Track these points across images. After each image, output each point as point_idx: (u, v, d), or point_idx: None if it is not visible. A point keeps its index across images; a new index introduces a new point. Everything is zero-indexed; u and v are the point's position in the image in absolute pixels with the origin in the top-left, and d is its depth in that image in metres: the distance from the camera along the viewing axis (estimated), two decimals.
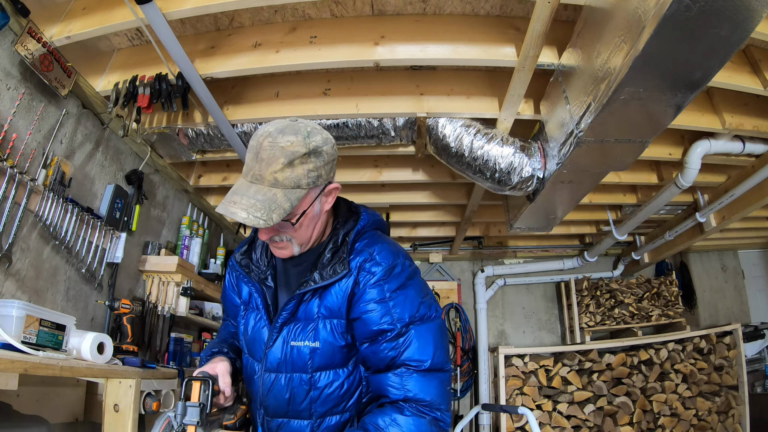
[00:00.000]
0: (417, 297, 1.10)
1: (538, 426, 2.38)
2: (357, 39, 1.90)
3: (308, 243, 1.14)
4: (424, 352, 1.04)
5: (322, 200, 1.11)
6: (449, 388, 1.08)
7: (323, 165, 1.05)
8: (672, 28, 1.20)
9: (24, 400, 1.82)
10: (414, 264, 1.20)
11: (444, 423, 1.03)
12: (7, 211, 1.70)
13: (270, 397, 1.14)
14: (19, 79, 1.82)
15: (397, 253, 1.15)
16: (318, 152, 1.03)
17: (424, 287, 1.16)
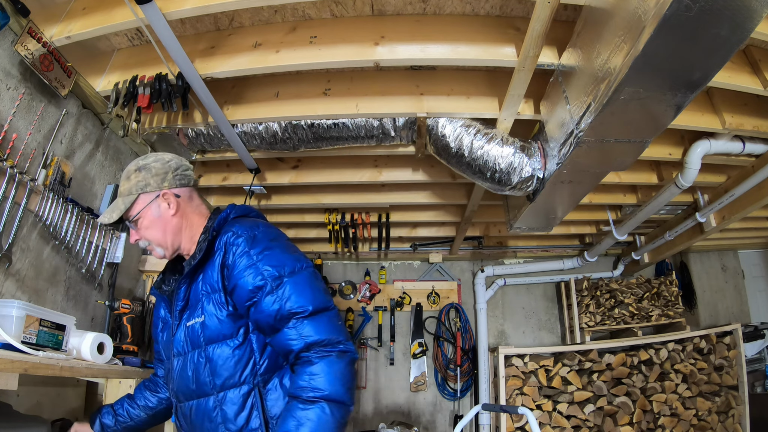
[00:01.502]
0: (282, 253, 1.24)
1: (538, 426, 2.38)
2: (357, 39, 1.90)
3: (169, 246, 1.38)
4: (304, 299, 1.17)
5: (160, 204, 1.36)
6: (339, 322, 1.20)
7: (151, 176, 1.37)
8: (672, 28, 1.20)
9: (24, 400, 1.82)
10: (278, 230, 1.34)
11: (350, 351, 1.16)
12: (7, 211, 1.70)
13: (179, 380, 1.30)
14: (19, 79, 1.82)
15: (256, 224, 1.31)
16: (146, 167, 1.38)
17: (288, 247, 1.28)
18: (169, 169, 1.40)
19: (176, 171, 1.41)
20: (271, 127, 2.33)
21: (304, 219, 3.64)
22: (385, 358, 4.25)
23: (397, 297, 4.32)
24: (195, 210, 1.43)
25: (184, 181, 1.42)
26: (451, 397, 4.12)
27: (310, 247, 4.31)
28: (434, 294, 4.33)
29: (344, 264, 4.55)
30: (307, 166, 2.93)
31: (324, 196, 3.24)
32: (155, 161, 1.40)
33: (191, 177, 1.46)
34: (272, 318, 1.16)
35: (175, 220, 1.38)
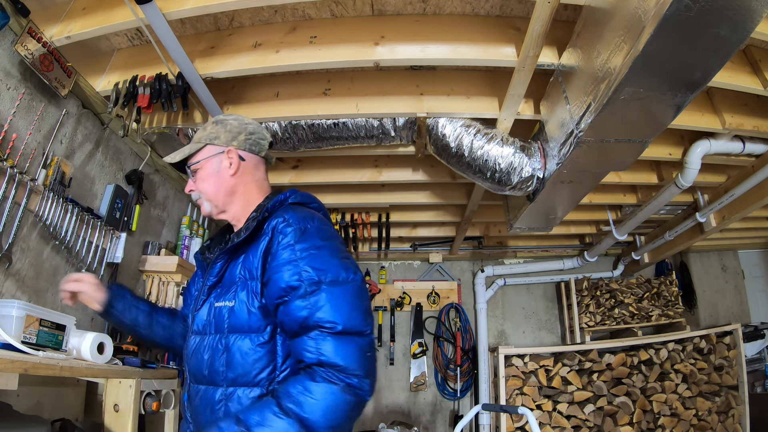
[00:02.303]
0: (330, 257, 1.10)
1: (538, 426, 2.38)
2: (357, 39, 1.90)
3: (219, 204, 1.32)
4: (338, 314, 1.03)
5: (222, 160, 1.32)
6: (369, 354, 1.03)
7: (223, 131, 1.33)
8: (672, 28, 1.20)
9: (24, 400, 1.82)
10: (333, 229, 1.21)
11: (362, 391, 1.00)
12: (7, 211, 1.70)
13: (192, 360, 1.20)
14: (19, 79, 1.82)
15: (312, 216, 1.18)
16: (222, 122, 1.35)
17: (340, 251, 1.15)
18: (244, 130, 1.35)
19: (250, 135, 1.35)
20: (271, 127, 2.33)
21: None
22: (385, 358, 4.25)
23: (397, 297, 4.32)
24: (256, 182, 1.36)
25: (255, 148, 1.36)
26: (451, 397, 4.12)
27: None
28: (434, 294, 4.33)
29: None
30: (307, 166, 2.93)
31: (324, 196, 3.24)
32: (235, 119, 1.37)
33: (264, 147, 1.39)
34: (297, 324, 1.06)
35: (231, 181, 1.32)
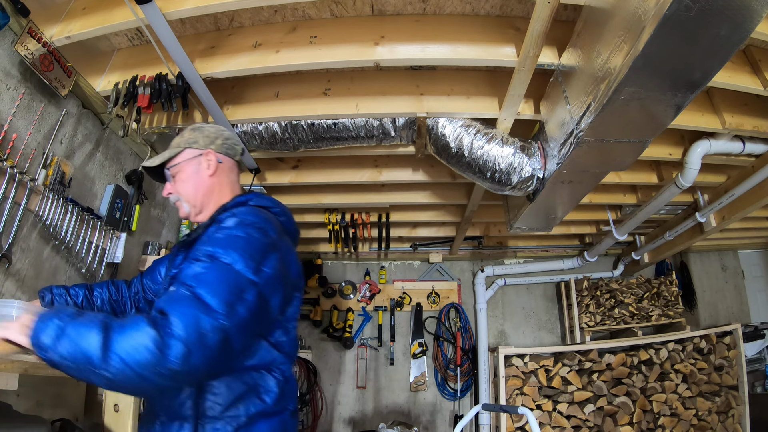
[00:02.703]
0: (243, 247, 1.11)
1: (538, 426, 2.38)
2: (357, 39, 1.90)
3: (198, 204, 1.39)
4: (204, 282, 1.02)
5: (201, 162, 1.40)
6: (202, 332, 0.96)
7: (201, 136, 1.43)
8: (672, 28, 1.20)
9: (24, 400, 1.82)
10: (276, 233, 1.23)
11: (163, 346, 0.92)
12: (7, 211, 1.70)
13: None
14: (19, 79, 1.82)
15: (260, 216, 1.22)
16: (199, 129, 1.45)
17: (261, 251, 1.13)
18: (220, 135, 1.46)
19: (226, 140, 1.47)
20: (271, 127, 2.33)
21: (304, 219, 3.65)
22: (385, 358, 4.25)
23: (397, 297, 4.32)
24: (230, 184, 1.45)
25: (230, 152, 1.47)
26: (451, 397, 4.12)
27: (310, 247, 4.32)
28: (434, 294, 4.33)
29: (344, 264, 4.55)
30: (307, 166, 2.93)
31: (324, 196, 3.24)
32: (211, 126, 1.48)
33: (238, 152, 1.50)
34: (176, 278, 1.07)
35: (209, 182, 1.40)
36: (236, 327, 1.02)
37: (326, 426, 4.14)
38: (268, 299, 1.13)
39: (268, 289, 1.12)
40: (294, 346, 1.33)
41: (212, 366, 1.00)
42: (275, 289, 1.16)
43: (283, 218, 1.36)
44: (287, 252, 1.26)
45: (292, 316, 1.30)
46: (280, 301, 1.20)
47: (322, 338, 4.32)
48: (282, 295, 1.21)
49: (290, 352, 1.29)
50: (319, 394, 4.19)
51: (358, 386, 4.20)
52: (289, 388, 1.25)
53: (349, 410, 4.17)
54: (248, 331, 1.08)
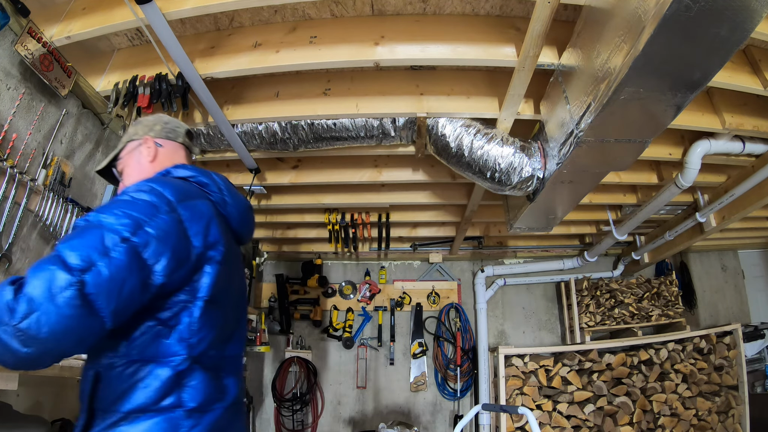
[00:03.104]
0: (121, 205, 1.04)
1: (538, 426, 2.38)
2: (357, 39, 1.90)
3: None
4: (69, 241, 0.96)
5: (141, 151, 1.35)
6: (56, 290, 0.89)
7: (141, 127, 1.39)
8: (672, 28, 1.20)
9: (24, 400, 1.82)
10: (179, 196, 1.12)
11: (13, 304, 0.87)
12: (7, 211, 1.70)
13: None
14: (19, 79, 1.82)
15: (161, 179, 1.16)
16: (139, 121, 1.42)
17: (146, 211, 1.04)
18: (159, 121, 1.41)
19: (165, 125, 1.40)
20: (271, 127, 2.33)
21: (304, 219, 3.65)
22: (385, 358, 4.25)
23: (397, 297, 4.32)
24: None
25: (171, 135, 1.40)
26: (451, 397, 4.12)
27: (310, 247, 4.32)
28: (434, 294, 4.33)
29: (344, 264, 4.55)
30: (307, 166, 2.93)
31: (324, 196, 3.24)
32: (151, 116, 1.44)
33: (180, 134, 1.42)
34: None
35: (151, 168, 1.32)
36: (97, 286, 0.92)
37: (326, 426, 4.14)
38: (146, 261, 1.00)
39: (149, 251, 1.01)
40: (207, 331, 1.13)
41: (69, 329, 0.90)
42: (160, 252, 1.02)
43: (214, 191, 1.26)
44: (194, 218, 1.12)
45: (207, 295, 1.12)
46: (168, 266, 1.04)
47: (322, 338, 4.32)
48: (173, 261, 1.05)
49: (195, 340, 1.10)
50: (319, 394, 4.19)
51: (358, 386, 4.20)
52: (189, 383, 1.09)
53: (349, 410, 4.17)
54: (117, 295, 0.96)
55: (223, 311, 1.19)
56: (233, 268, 1.26)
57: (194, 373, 1.10)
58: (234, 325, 1.27)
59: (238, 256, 1.35)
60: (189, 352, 1.09)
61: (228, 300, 1.22)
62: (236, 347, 1.28)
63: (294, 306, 4.32)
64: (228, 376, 1.20)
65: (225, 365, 1.21)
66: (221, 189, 1.28)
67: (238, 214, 1.32)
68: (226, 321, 1.21)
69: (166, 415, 1.05)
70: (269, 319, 4.23)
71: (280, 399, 4.10)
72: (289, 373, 4.24)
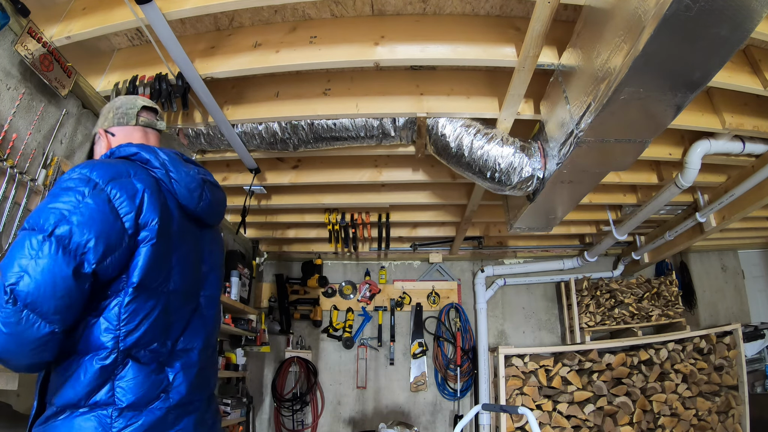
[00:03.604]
0: (46, 202, 1.00)
1: (538, 426, 2.38)
2: (357, 39, 1.90)
3: None
4: (5, 262, 0.95)
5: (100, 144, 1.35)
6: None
7: (100, 119, 1.38)
8: (672, 28, 1.20)
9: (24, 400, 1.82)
10: (95, 182, 1.04)
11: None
12: (7, 211, 1.70)
13: None
14: (19, 79, 1.82)
15: (84, 165, 1.08)
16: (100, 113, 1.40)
17: (69, 194, 1.01)
18: (111, 108, 1.36)
19: (117, 110, 1.35)
20: (271, 127, 2.33)
21: (304, 219, 3.65)
22: (385, 358, 4.25)
23: (397, 297, 4.32)
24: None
25: (123, 120, 1.34)
26: (451, 397, 4.12)
27: (310, 247, 4.32)
28: (434, 294, 4.33)
29: (344, 264, 4.55)
30: (307, 166, 2.93)
31: (324, 196, 3.24)
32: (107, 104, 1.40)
33: (132, 115, 1.34)
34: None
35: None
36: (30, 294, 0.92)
37: (326, 426, 4.14)
38: (74, 251, 0.97)
39: (74, 241, 0.97)
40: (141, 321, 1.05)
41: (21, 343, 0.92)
42: (86, 239, 0.98)
43: (156, 166, 1.18)
44: (124, 196, 1.05)
45: (137, 280, 1.04)
46: (97, 253, 0.99)
47: (322, 338, 4.32)
48: (101, 246, 0.99)
49: (124, 330, 1.03)
50: (319, 394, 4.19)
51: (358, 386, 4.20)
52: (121, 378, 1.03)
53: (349, 410, 4.17)
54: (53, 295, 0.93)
55: (164, 300, 1.10)
56: (177, 252, 1.15)
57: (127, 367, 1.04)
58: (188, 316, 1.18)
59: (190, 240, 1.23)
60: (116, 344, 1.02)
61: (170, 288, 1.12)
62: (193, 340, 1.18)
63: (294, 306, 4.32)
64: (176, 372, 1.12)
65: (172, 360, 1.12)
66: (165, 164, 1.18)
67: (187, 189, 1.20)
68: (169, 311, 1.11)
69: (96, 412, 1.00)
70: (269, 319, 4.23)
71: (279, 399, 4.10)
72: (289, 373, 4.24)
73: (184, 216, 1.21)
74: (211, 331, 1.27)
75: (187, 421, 1.12)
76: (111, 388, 1.02)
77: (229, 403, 3.29)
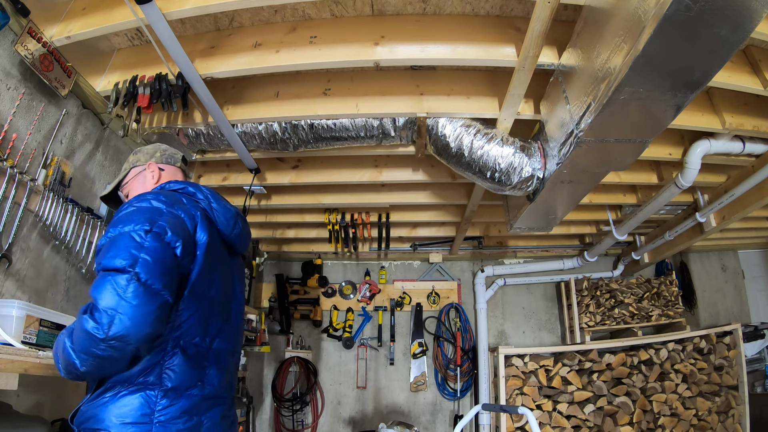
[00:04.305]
0: (132, 211, 1.20)
1: (538, 426, 2.38)
2: (357, 39, 1.90)
3: None
4: (107, 255, 1.11)
5: (145, 175, 1.53)
6: (121, 290, 1.06)
7: (142, 155, 1.58)
8: (672, 28, 1.20)
9: (24, 400, 1.82)
10: (169, 204, 1.26)
11: (96, 322, 1.04)
12: (7, 211, 1.70)
13: None
14: (19, 79, 1.82)
15: (144, 195, 1.29)
16: (140, 150, 1.60)
17: (145, 213, 1.20)
18: (158, 149, 1.60)
19: (165, 152, 1.60)
20: (271, 127, 2.33)
21: (304, 219, 3.65)
22: (385, 358, 4.25)
23: (397, 297, 4.32)
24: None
25: (171, 160, 1.59)
26: (451, 397, 4.12)
27: (310, 247, 4.32)
28: (434, 294, 4.33)
29: (344, 264, 4.55)
30: (307, 166, 2.93)
31: (324, 196, 3.24)
32: (149, 145, 1.62)
33: (178, 159, 1.62)
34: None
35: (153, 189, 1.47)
36: (149, 272, 1.10)
37: (326, 426, 4.14)
38: (169, 243, 1.18)
39: (168, 236, 1.18)
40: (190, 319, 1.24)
41: (144, 315, 1.06)
42: (176, 238, 1.20)
43: (201, 198, 1.41)
44: (186, 218, 1.28)
45: (191, 284, 1.25)
46: (183, 249, 1.21)
47: (322, 338, 4.32)
48: (185, 246, 1.22)
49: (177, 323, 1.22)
50: (319, 394, 4.19)
51: (358, 386, 4.20)
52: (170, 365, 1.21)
53: (349, 410, 4.17)
54: (167, 272, 1.14)
55: (207, 304, 1.30)
56: (218, 268, 1.37)
57: (176, 356, 1.21)
58: (222, 322, 1.36)
59: (226, 260, 1.45)
60: (170, 333, 1.20)
61: (212, 295, 1.32)
62: (225, 343, 1.37)
63: (294, 306, 4.32)
64: (212, 366, 1.30)
65: (210, 356, 1.30)
66: (208, 197, 1.42)
67: (224, 218, 1.44)
68: (210, 314, 1.31)
69: (145, 391, 1.15)
70: (269, 319, 4.23)
71: (279, 399, 4.10)
72: (289, 373, 4.24)
73: (221, 242, 1.43)
74: (238, 340, 1.48)
75: (215, 411, 1.29)
76: (160, 371, 1.18)
77: None
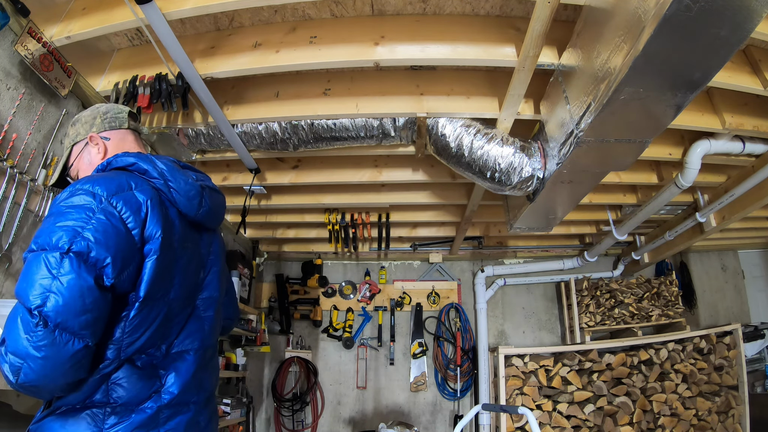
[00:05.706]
0: (53, 221, 0.99)
1: (538, 426, 2.38)
2: (357, 39, 1.90)
3: None
4: (20, 283, 0.95)
5: (89, 149, 1.31)
6: (28, 335, 0.90)
7: (80, 125, 1.33)
8: (672, 28, 1.20)
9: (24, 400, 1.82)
10: (101, 197, 1.03)
11: (6, 363, 0.91)
12: (7, 211, 1.70)
13: None
14: (19, 79, 1.82)
15: (81, 183, 1.06)
16: (76, 120, 1.35)
17: (77, 211, 1.00)
18: (97, 114, 1.33)
19: (105, 114, 1.33)
20: (271, 127, 2.33)
21: (304, 219, 3.65)
22: (385, 358, 4.25)
23: (397, 297, 4.32)
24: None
25: (114, 124, 1.33)
26: (451, 397, 4.12)
27: (310, 247, 4.32)
28: (434, 294, 4.33)
29: (344, 264, 4.55)
30: (307, 166, 2.93)
31: (324, 196, 3.24)
32: (86, 111, 1.36)
33: (124, 119, 1.35)
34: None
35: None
36: (60, 313, 0.92)
37: (326, 426, 4.14)
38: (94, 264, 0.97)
39: (93, 255, 0.97)
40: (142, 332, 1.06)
41: (57, 364, 0.92)
42: (104, 254, 0.98)
43: (155, 176, 1.17)
44: (129, 210, 1.05)
45: (143, 294, 1.05)
46: (115, 268, 0.99)
47: (322, 338, 4.32)
48: (119, 261, 1.00)
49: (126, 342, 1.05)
50: (319, 394, 4.19)
51: (358, 386, 4.20)
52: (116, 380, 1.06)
53: (349, 410, 4.17)
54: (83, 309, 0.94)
55: (164, 309, 1.11)
56: (179, 259, 1.16)
57: (122, 369, 1.06)
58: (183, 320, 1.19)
59: (191, 244, 1.23)
60: (118, 355, 1.05)
61: (170, 297, 1.13)
62: (189, 343, 1.19)
63: (294, 306, 4.32)
64: (170, 373, 1.13)
65: (166, 363, 1.14)
66: (163, 173, 1.18)
67: (186, 198, 1.20)
68: (168, 318, 1.13)
69: (91, 410, 1.03)
70: (269, 319, 4.24)
71: (279, 399, 4.10)
72: (289, 373, 4.24)
73: (184, 224, 1.21)
74: (209, 333, 1.27)
75: (179, 420, 1.13)
76: (106, 388, 1.05)
77: (229, 403, 3.29)
